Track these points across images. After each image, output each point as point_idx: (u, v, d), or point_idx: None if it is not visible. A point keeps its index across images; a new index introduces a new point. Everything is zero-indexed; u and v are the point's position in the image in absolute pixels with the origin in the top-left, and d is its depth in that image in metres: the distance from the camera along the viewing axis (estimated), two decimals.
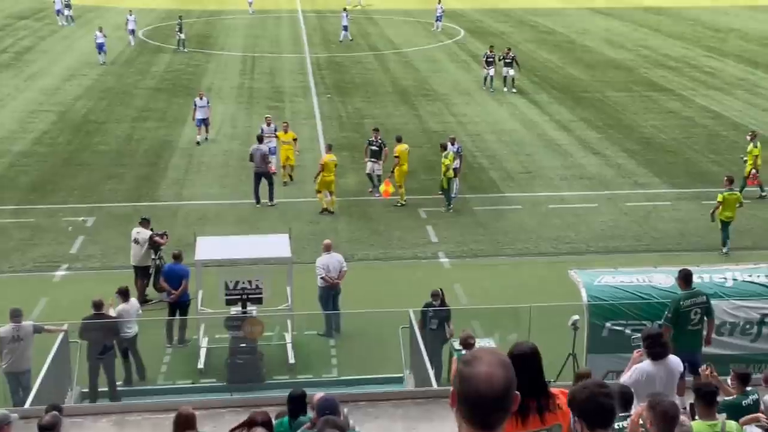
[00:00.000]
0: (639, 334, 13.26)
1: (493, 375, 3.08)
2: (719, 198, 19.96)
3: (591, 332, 14.00)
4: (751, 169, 23.20)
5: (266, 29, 53.36)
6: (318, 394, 9.26)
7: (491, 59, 36.29)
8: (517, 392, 3.14)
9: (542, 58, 43.78)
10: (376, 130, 25.06)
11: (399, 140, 23.99)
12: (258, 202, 23.36)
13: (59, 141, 29.05)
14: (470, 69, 41.40)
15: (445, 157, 22.79)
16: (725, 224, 20.14)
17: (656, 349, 9.53)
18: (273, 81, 38.77)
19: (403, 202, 23.32)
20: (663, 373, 9.52)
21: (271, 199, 23.44)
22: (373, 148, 24.23)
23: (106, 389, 14.54)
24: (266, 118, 26.86)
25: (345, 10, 50.63)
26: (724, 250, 20.16)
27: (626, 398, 8.15)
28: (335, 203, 23.13)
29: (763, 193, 23.67)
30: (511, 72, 35.99)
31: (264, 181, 23.39)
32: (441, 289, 15.41)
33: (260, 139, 24.04)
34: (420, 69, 41.25)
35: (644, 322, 13.80)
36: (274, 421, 9.42)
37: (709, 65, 42.47)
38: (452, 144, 23.90)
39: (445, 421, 11.03)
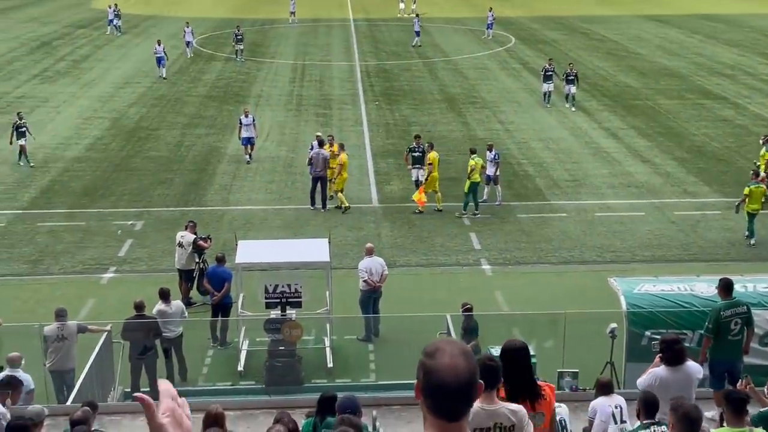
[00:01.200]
0: (692, 352, 13.18)
1: (457, 366, 3.08)
2: (745, 191, 20.62)
3: (630, 340, 13.82)
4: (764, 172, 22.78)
5: (317, 37, 53.85)
6: (347, 396, 9.33)
7: (551, 73, 34.50)
8: (481, 381, 3.15)
9: (594, 66, 43.39)
10: (418, 136, 25.07)
11: (431, 147, 23.95)
12: (313, 205, 23.56)
13: (112, 147, 29.68)
14: (520, 77, 41.21)
15: (472, 160, 22.87)
16: (752, 216, 20.73)
17: (668, 354, 9.33)
18: (322, 88, 39.09)
19: (440, 207, 23.27)
20: (678, 379, 9.33)
21: (324, 205, 23.53)
22: (416, 154, 24.24)
23: (148, 389, 14.77)
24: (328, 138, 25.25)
25: (417, 16, 51.94)
26: (752, 242, 20.72)
27: (649, 404, 8.06)
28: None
29: None
30: (573, 89, 34.14)
31: (319, 187, 23.49)
32: (470, 305, 15.27)
33: (321, 144, 23.98)
34: (469, 77, 41.19)
35: (685, 331, 13.59)
36: (303, 421, 9.54)
37: (765, 73, 41.60)
38: (489, 151, 23.79)
39: None
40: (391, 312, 17.12)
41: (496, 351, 14.86)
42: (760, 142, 24.26)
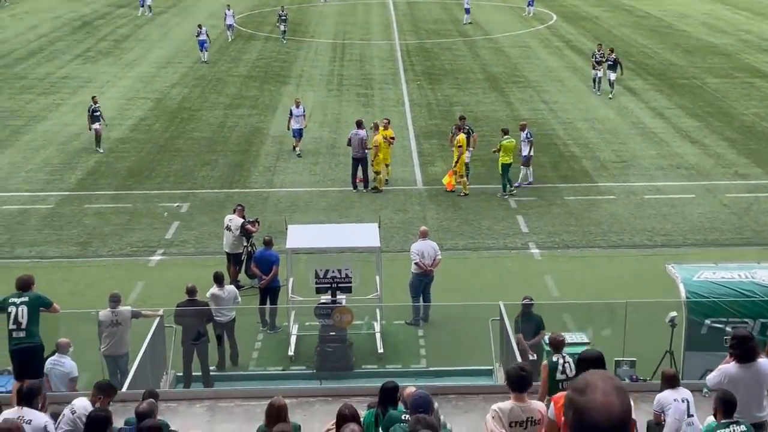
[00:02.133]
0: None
1: (611, 404, 2.88)
2: None
3: (689, 329, 13.49)
4: None
5: (356, 16, 53.49)
6: (409, 389, 9.20)
7: (601, 59, 33.18)
8: (634, 418, 2.96)
9: (638, 44, 42.61)
10: (462, 117, 24.76)
11: (460, 129, 23.62)
12: (355, 187, 23.50)
13: (155, 128, 29.75)
14: (563, 55, 40.62)
15: (501, 141, 22.66)
16: None
17: (739, 352, 8.98)
18: (363, 68, 38.84)
19: (467, 192, 23.02)
20: (749, 378, 8.99)
21: (366, 185, 23.50)
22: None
23: (200, 374, 14.81)
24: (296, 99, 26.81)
25: None
26: None
27: (727, 402, 7.81)
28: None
29: None
30: (613, 76, 32.61)
31: (360, 167, 23.47)
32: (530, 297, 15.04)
33: (359, 124, 23.89)
34: (510, 55, 40.68)
35: (746, 320, 13.30)
36: (363, 412, 9.42)
37: None
38: (522, 130, 23.43)
39: None
40: (438, 296, 16.97)
41: (575, 337, 14.69)
42: None
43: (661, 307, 13.97)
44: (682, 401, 9.56)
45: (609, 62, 32.90)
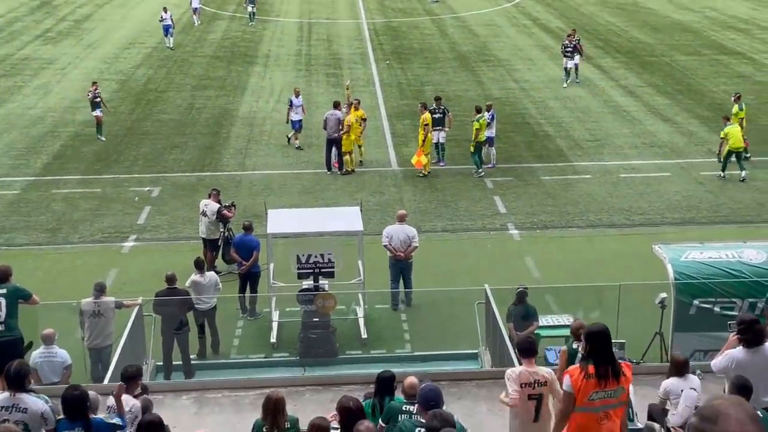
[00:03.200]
0: (734, 319, 12.79)
1: None
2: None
3: (678, 310, 13.43)
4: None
5: None
6: (410, 379, 8.98)
7: (570, 49, 31.04)
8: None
9: (605, 21, 42.62)
10: (438, 98, 24.49)
11: (425, 107, 23.35)
12: (329, 169, 23.16)
13: (121, 110, 29.06)
14: (531, 34, 40.48)
15: (477, 120, 22.42)
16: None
17: (748, 336, 8.77)
18: (330, 47, 38.34)
19: (426, 173, 22.82)
20: (757, 361, 8.81)
21: (340, 168, 23.15)
22: (436, 116, 23.66)
23: (180, 363, 14.46)
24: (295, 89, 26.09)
25: None
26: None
27: (742, 388, 7.66)
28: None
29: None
30: (571, 63, 30.91)
31: (335, 149, 23.15)
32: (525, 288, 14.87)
33: (336, 105, 23.53)
34: (479, 34, 40.43)
35: (734, 299, 13.31)
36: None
37: None
38: (488, 111, 23.25)
39: None
40: (420, 279, 16.75)
41: (546, 321, 14.58)
42: (732, 99, 24.00)
43: (648, 288, 13.90)
44: (691, 389, 9.42)
45: (568, 48, 31.06)
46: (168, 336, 14.29)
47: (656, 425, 9.65)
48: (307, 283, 15.23)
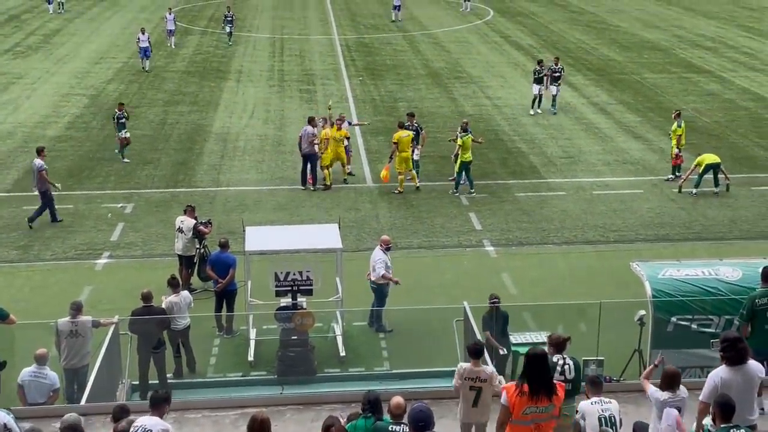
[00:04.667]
0: (712, 336, 12.83)
1: None
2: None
3: (655, 327, 13.51)
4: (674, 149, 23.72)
5: (293, 10, 52.84)
6: (396, 399, 8.93)
7: (542, 75, 29.92)
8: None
9: (575, 39, 43.09)
10: (411, 114, 24.52)
11: (401, 126, 23.40)
12: (304, 184, 23.08)
13: (93, 125, 28.79)
14: (502, 50, 40.81)
15: (460, 137, 22.50)
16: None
17: (731, 353, 8.86)
18: (303, 63, 38.34)
19: (401, 190, 22.85)
20: (740, 380, 8.88)
21: (314, 183, 23.11)
22: (408, 133, 23.64)
23: (157, 382, 14.26)
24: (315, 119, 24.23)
25: None
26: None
27: (725, 406, 7.70)
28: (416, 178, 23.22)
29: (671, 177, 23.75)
30: (554, 90, 29.99)
31: (309, 165, 23.06)
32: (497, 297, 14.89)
33: (310, 121, 23.31)
34: (451, 51, 40.66)
35: (711, 317, 13.44)
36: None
37: (747, 45, 41.64)
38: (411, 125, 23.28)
39: None
40: (398, 296, 16.64)
41: (524, 338, 14.63)
42: (672, 116, 24.55)
43: (627, 306, 13.98)
44: (673, 408, 9.40)
45: (556, 74, 30.03)
46: (144, 355, 14.08)
47: None
48: (285, 300, 15.12)
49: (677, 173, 23.53)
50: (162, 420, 8.99)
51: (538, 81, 29.96)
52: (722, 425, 7.65)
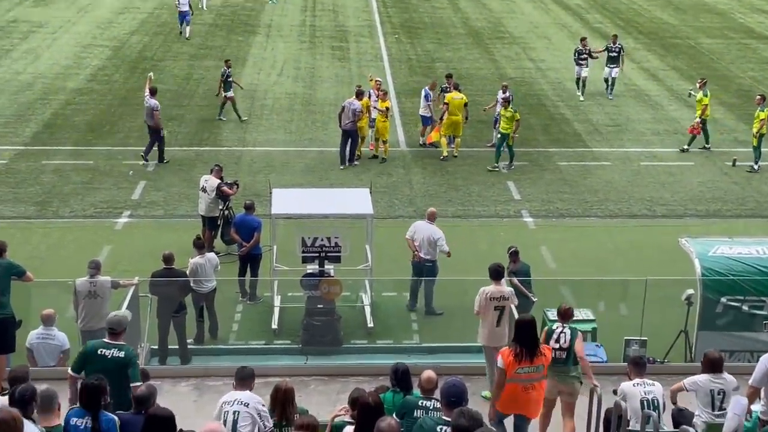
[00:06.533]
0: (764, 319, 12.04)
1: None
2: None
3: (703, 307, 12.64)
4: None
5: None
6: (427, 372, 8.29)
7: (585, 56, 26.63)
8: None
9: (627, 0, 41.41)
10: (449, 76, 23.36)
11: (455, 87, 22.11)
12: (343, 163, 21.24)
13: (115, 78, 27.91)
14: (548, 10, 39.43)
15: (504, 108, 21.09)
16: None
17: None
18: (336, 18, 37.16)
19: (446, 155, 21.67)
20: None
21: (351, 159, 21.37)
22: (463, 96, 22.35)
23: (176, 347, 13.51)
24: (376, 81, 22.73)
25: None
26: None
27: None
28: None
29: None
30: (615, 72, 26.68)
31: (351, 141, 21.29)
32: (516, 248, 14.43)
33: (358, 95, 21.34)
34: (493, 9, 39.26)
35: (763, 298, 12.57)
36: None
37: None
38: (503, 92, 21.94)
39: None
40: None
41: (552, 314, 13.66)
42: (697, 86, 23.04)
43: (673, 284, 13.12)
44: (718, 393, 8.90)
45: (613, 53, 26.66)
46: (164, 319, 13.37)
47: (690, 430, 8.81)
48: (312, 267, 14.27)
49: (689, 146, 22.20)
50: (254, 394, 8.40)
51: (581, 62, 26.56)
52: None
